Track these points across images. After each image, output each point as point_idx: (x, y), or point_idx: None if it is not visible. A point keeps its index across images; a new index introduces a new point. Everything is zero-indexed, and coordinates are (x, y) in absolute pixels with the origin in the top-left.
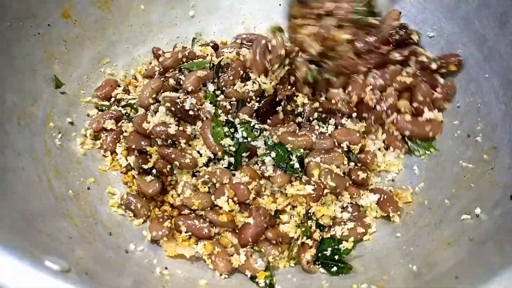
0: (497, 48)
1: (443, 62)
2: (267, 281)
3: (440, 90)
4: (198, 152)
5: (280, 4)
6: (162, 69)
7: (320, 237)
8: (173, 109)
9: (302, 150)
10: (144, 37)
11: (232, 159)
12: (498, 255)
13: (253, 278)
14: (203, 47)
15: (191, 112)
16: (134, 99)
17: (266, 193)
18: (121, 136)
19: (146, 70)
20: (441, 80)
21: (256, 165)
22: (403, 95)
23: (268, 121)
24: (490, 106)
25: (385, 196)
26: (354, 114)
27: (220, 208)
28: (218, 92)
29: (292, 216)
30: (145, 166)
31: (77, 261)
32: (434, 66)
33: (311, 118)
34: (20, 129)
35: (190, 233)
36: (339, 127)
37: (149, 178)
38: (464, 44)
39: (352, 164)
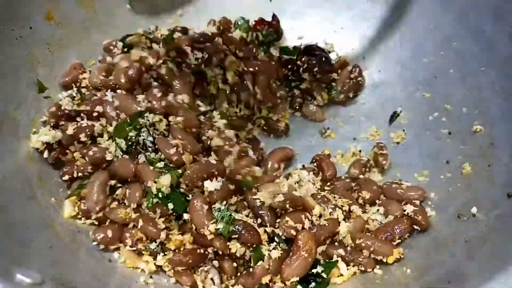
0: (495, 41)
1: None
2: None
3: None
4: None
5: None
6: None
7: None
8: None
9: None
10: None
11: None
12: (496, 258)
13: None
14: None
15: None
16: None
17: None
18: None
19: None
20: None
21: None
22: None
23: None
24: (487, 100)
25: None
26: None
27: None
28: None
29: None
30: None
31: (55, 272)
32: None
33: None
34: (2, 136)
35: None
36: None
37: None
38: (460, 37)
39: None
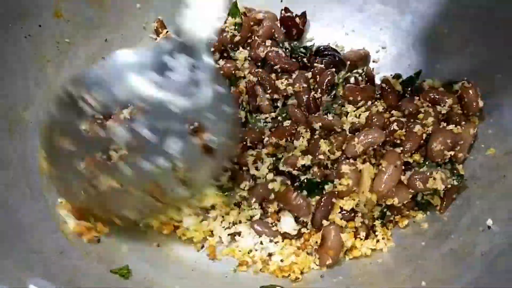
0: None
1: None
2: None
3: None
4: None
5: None
6: None
7: None
8: None
9: None
10: (141, 35)
11: None
12: None
13: None
14: None
15: None
16: None
17: None
18: None
19: None
20: None
21: None
22: None
23: None
24: (502, 108)
25: None
26: None
27: None
28: None
29: None
30: None
31: (67, 280)
32: None
33: None
34: (11, 137)
35: None
36: None
37: None
38: (475, 42)
39: None
